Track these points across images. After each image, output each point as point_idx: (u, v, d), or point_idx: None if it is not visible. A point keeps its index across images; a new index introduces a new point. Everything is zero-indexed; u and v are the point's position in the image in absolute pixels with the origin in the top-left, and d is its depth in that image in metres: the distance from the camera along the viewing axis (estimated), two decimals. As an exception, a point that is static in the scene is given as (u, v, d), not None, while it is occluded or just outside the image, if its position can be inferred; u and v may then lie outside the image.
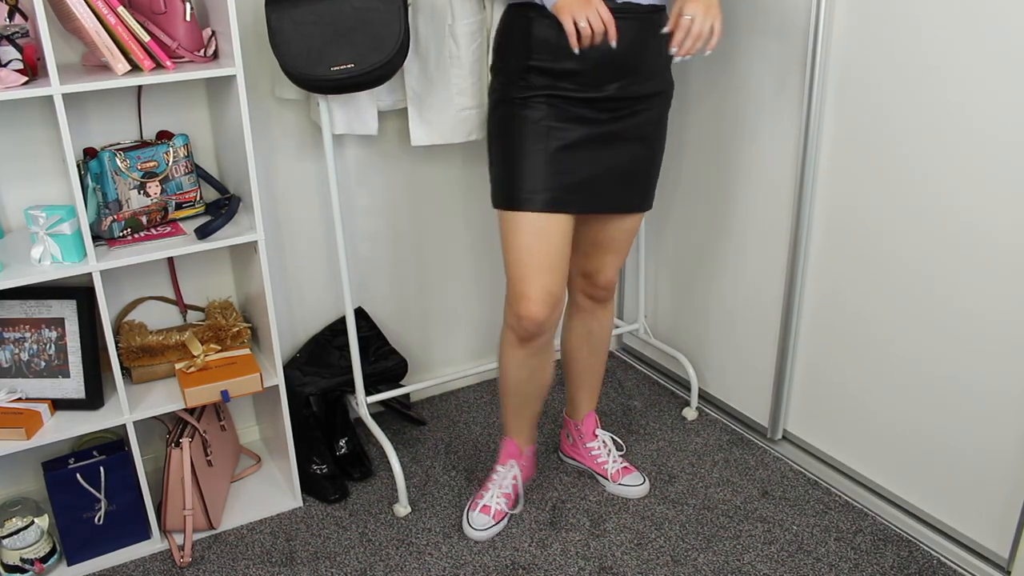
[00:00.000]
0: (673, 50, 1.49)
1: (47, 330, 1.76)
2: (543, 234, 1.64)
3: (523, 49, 1.61)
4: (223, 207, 1.83)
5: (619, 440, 2.11)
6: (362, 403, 2.06)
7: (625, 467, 2.02)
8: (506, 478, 1.92)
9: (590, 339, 1.94)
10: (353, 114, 1.90)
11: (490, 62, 1.79)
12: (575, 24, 1.45)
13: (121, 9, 1.56)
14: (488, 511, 1.89)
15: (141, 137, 1.87)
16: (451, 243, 2.35)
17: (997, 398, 1.64)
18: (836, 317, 1.94)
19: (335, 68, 1.65)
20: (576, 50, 1.48)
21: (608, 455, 2.02)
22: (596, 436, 2.03)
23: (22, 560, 1.75)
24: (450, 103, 1.92)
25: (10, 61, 1.50)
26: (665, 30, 1.50)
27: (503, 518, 1.91)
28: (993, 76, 1.51)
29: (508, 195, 1.65)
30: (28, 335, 1.76)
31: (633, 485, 1.99)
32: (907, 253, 1.74)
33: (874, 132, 1.75)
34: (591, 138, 1.64)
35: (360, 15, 1.66)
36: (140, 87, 1.83)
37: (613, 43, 1.48)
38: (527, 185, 1.62)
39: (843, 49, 1.76)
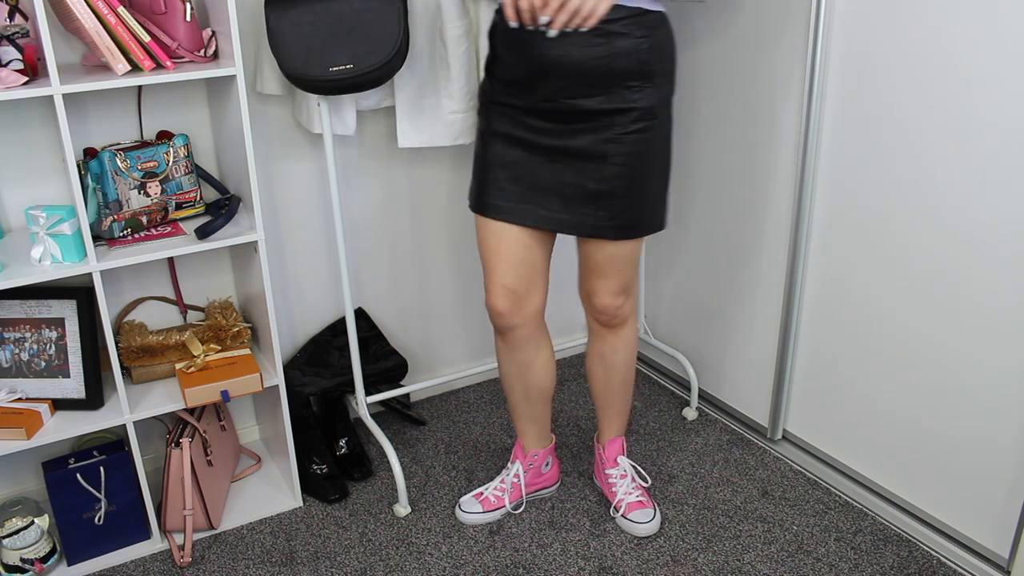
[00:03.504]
0: (545, 19, 1.41)
1: (47, 330, 1.76)
2: (499, 237, 1.69)
3: (491, 54, 1.65)
4: (223, 207, 1.83)
5: (643, 473, 2.02)
6: (362, 403, 2.06)
7: (640, 501, 1.90)
8: (508, 474, 1.94)
9: (603, 362, 1.87)
10: (334, 114, 1.90)
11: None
12: None
13: (121, 9, 1.56)
14: (479, 497, 1.93)
15: (141, 137, 1.87)
16: (451, 243, 2.35)
17: (997, 399, 1.64)
18: (836, 318, 1.94)
19: (334, 69, 1.65)
20: (512, 23, 1.45)
21: (624, 485, 1.93)
22: (617, 463, 1.95)
23: (22, 560, 1.75)
24: (439, 106, 1.93)
25: (10, 61, 1.50)
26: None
27: (495, 510, 1.92)
28: (997, 60, 1.50)
29: (471, 197, 1.73)
30: (28, 335, 1.76)
31: (638, 522, 1.87)
32: (910, 252, 1.74)
33: (876, 123, 1.74)
34: (534, 151, 1.63)
35: (359, 16, 1.66)
36: (140, 87, 1.83)
37: (550, 31, 1.41)
38: (481, 190, 1.70)
39: (845, 35, 1.76)
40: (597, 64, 1.51)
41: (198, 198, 1.85)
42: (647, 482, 1.91)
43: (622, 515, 1.89)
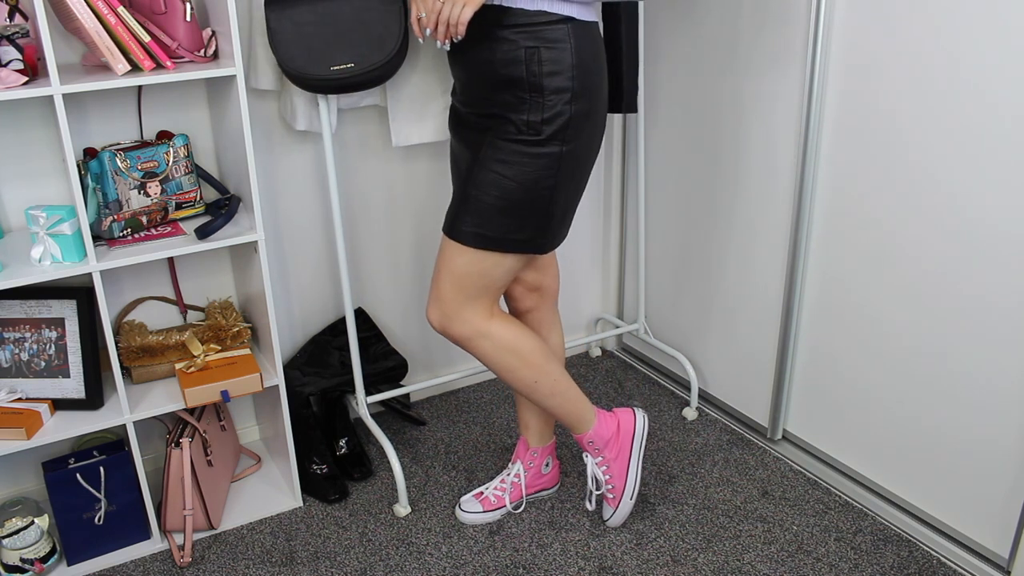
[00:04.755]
0: (427, 31, 1.47)
1: (47, 330, 1.76)
2: None
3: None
4: (223, 207, 1.83)
5: (600, 479, 1.86)
6: (362, 403, 2.06)
7: (607, 497, 1.88)
8: (510, 474, 1.95)
9: None
10: (314, 112, 1.90)
11: None
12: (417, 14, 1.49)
13: (121, 9, 1.56)
14: (479, 496, 1.94)
15: (141, 137, 1.87)
16: (451, 243, 2.35)
17: (997, 399, 1.64)
18: (837, 317, 1.94)
19: (335, 68, 1.65)
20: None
21: (589, 481, 1.88)
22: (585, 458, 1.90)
23: (22, 560, 1.75)
24: (435, 100, 1.93)
25: (10, 61, 1.50)
26: (413, 14, 1.50)
27: (494, 509, 1.92)
28: (998, 60, 1.51)
29: None
30: (28, 335, 1.76)
31: (603, 516, 1.89)
32: (910, 252, 1.74)
33: (876, 124, 1.74)
34: (455, 149, 1.72)
35: (360, 15, 1.66)
36: (140, 87, 1.83)
37: (437, 44, 1.47)
38: None
39: (845, 34, 1.76)
40: (483, 69, 1.52)
41: (198, 198, 1.85)
42: (599, 489, 1.87)
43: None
